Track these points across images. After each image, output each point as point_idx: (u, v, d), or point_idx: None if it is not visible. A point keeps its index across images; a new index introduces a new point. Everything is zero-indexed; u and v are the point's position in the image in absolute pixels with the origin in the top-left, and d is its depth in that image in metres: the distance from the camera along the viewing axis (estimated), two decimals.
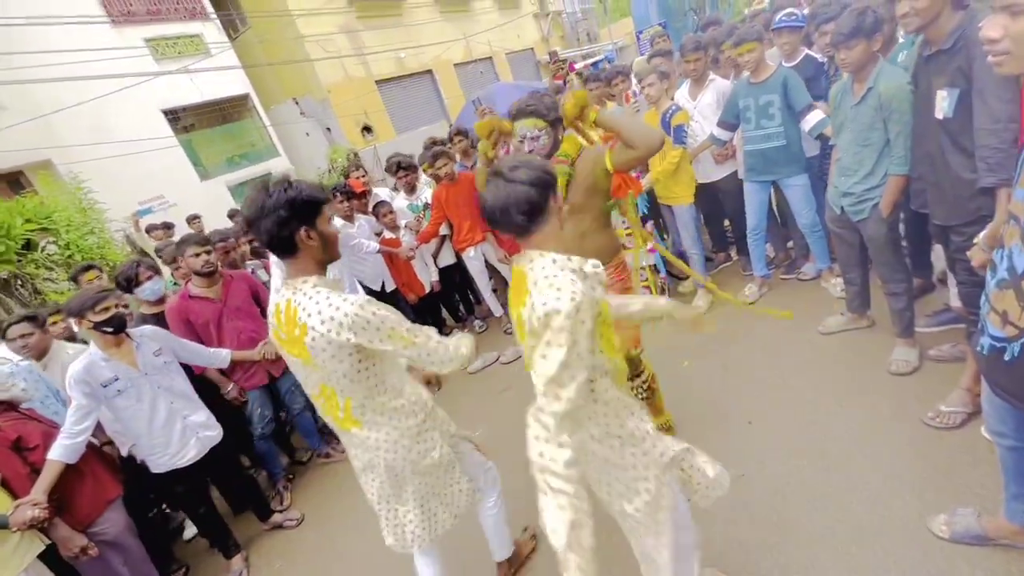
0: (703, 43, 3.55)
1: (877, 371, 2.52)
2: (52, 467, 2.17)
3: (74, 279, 3.84)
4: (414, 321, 1.49)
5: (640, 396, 2.36)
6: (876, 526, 1.84)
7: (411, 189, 4.36)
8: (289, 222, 1.34)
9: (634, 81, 4.31)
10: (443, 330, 4.56)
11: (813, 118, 2.89)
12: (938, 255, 2.83)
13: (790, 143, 3.05)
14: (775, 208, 3.73)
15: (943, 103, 1.84)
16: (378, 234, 4.01)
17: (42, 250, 6.91)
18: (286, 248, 1.38)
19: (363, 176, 4.36)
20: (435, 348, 1.46)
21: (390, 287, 4.03)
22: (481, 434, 3.11)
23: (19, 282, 6.60)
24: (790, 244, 3.84)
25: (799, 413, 2.45)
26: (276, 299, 1.47)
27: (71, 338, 3.19)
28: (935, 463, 1.97)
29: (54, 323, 3.11)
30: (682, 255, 4.09)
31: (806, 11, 3.49)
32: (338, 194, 3.72)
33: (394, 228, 4.02)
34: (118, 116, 9.28)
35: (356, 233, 3.71)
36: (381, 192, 4.45)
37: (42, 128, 8.41)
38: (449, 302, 4.72)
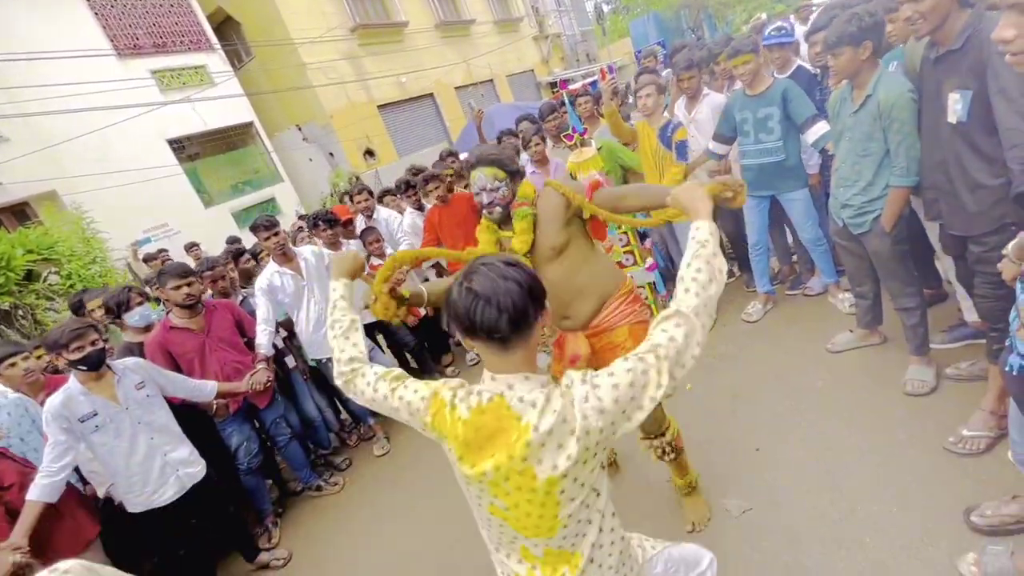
0: (695, 60, 3.52)
1: (892, 391, 2.37)
2: (32, 508, 2.07)
3: (76, 309, 3.77)
4: (414, 346, 1.39)
5: (667, 459, 2.05)
6: (898, 568, 1.67)
7: (420, 207, 4.37)
8: None
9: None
10: (444, 358, 4.44)
11: (818, 129, 2.76)
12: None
13: (789, 157, 2.95)
14: (779, 221, 3.60)
15: (956, 106, 1.73)
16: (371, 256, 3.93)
17: (44, 280, 6.94)
18: None
19: (366, 200, 4.29)
20: None
21: None
22: None
23: (20, 313, 6.60)
24: (795, 258, 3.71)
25: (810, 439, 2.30)
26: None
27: (56, 371, 3.12)
28: (960, 494, 1.81)
29: (38, 357, 3.04)
30: (674, 274, 3.98)
31: (796, 24, 3.43)
32: (320, 223, 3.68)
33: (381, 255, 3.95)
34: (123, 146, 9.41)
35: None
36: (382, 211, 4.37)
37: (47, 159, 8.53)
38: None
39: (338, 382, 1.25)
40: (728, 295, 3.86)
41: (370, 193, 4.40)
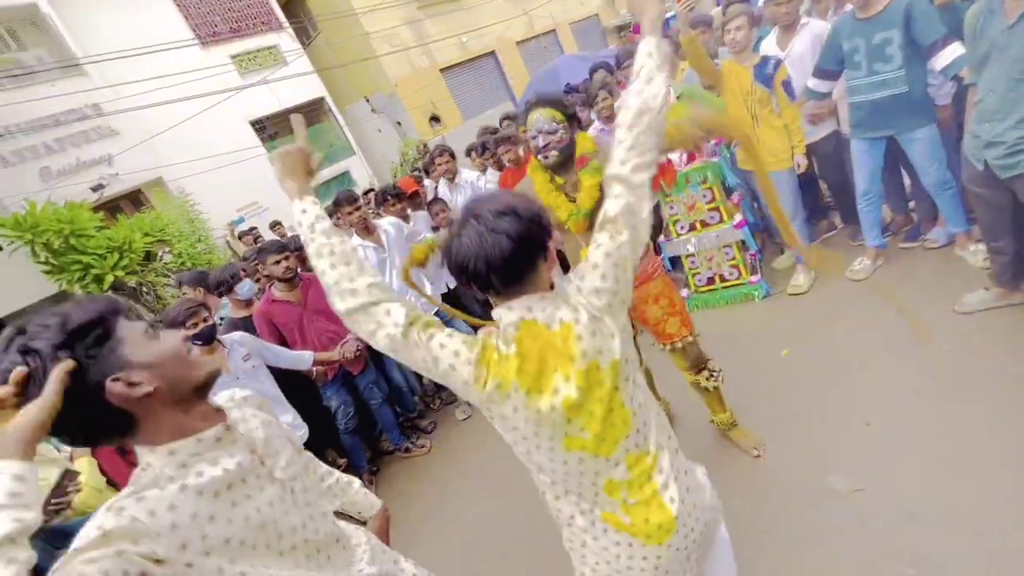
0: None
1: None
2: None
3: (179, 286, 4.22)
4: (482, 313, 1.33)
5: (712, 386, 2.19)
6: None
7: (500, 166, 4.24)
8: (74, 396, 0.76)
9: None
10: None
11: (952, 52, 2.33)
12: None
13: (913, 89, 2.51)
14: (893, 162, 3.16)
15: None
16: (435, 228, 3.94)
17: (160, 259, 7.76)
18: (113, 432, 0.83)
19: (448, 162, 4.15)
20: None
21: (454, 283, 3.96)
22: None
23: (144, 290, 7.47)
24: (912, 205, 3.26)
25: (932, 415, 2.05)
26: None
27: None
28: None
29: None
30: (769, 229, 3.65)
31: None
32: (389, 197, 3.74)
33: (448, 225, 3.93)
34: (213, 131, 10.11)
35: (420, 229, 3.69)
36: (466, 173, 4.29)
37: (152, 149, 9.37)
38: None
39: (343, 307, 1.02)
40: (830, 249, 3.51)
41: (452, 155, 4.24)
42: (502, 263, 0.94)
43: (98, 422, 0.79)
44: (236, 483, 0.87)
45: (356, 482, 1.36)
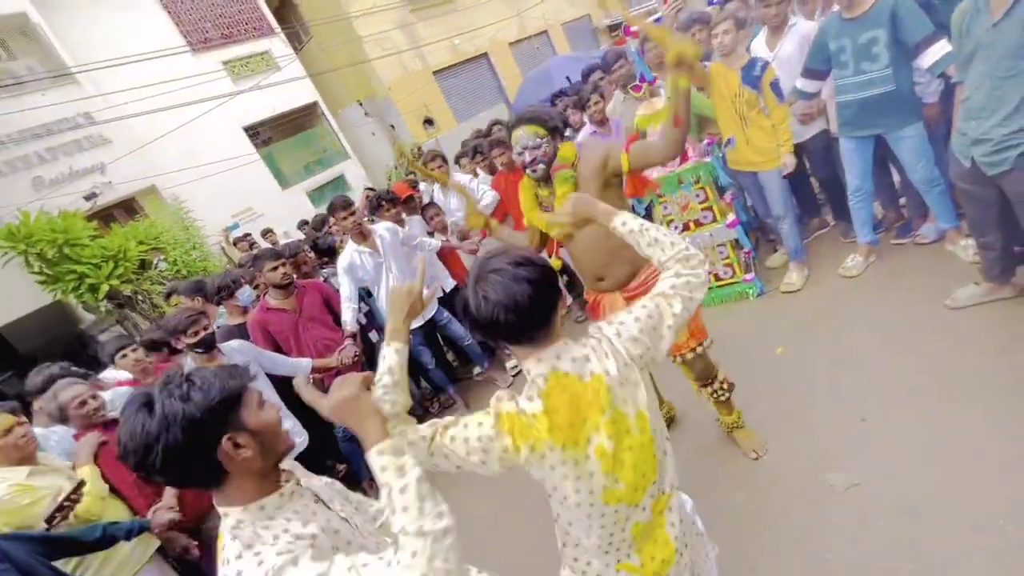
0: None
1: None
2: None
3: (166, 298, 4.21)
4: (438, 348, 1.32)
5: (722, 398, 2.21)
6: None
7: (492, 170, 4.26)
8: (199, 444, 0.87)
9: None
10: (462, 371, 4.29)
11: (939, 50, 2.34)
12: None
13: (900, 87, 2.53)
14: (883, 159, 3.18)
15: None
16: (430, 234, 3.94)
17: (155, 268, 7.73)
18: (209, 480, 0.92)
19: (441, 166, 4.13)
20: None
21: (450, 286, 3.95)
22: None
23: (140, 298, 7.44)
24: (903, 201, 3.29)
25: (927, 410, 2.07)
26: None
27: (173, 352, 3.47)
28: None
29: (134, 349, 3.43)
30: (763, 227, 3.67)
31: None
32: (383, 202, 3.74)
33: (443, 230, 3.94)
34: (206, 138, 10.08)
35: (415, 233, 3.68)
36: (459, 177, 4.27)
37: (144, 157, 9.33)
38: None
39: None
40: (822, 247, 3.54)
41: (444, 159, 4.23)
42: (530, 309, 0.97)
43: (200, 470, 0.90)
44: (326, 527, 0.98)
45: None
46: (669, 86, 1.70)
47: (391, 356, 1.08)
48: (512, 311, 0.96)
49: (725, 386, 2.20)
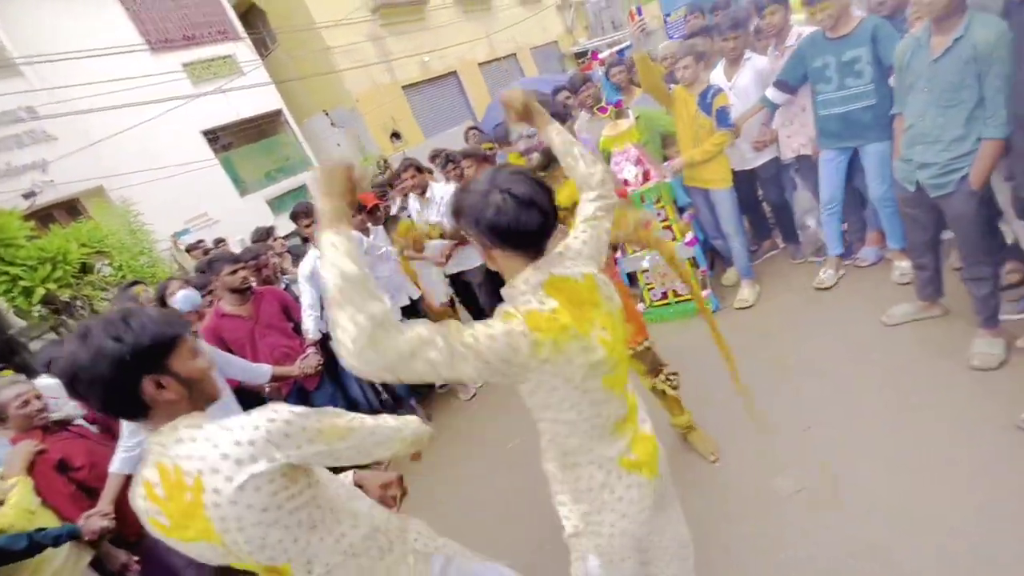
0: (741, 20, 3.31)
1: (956, 366, 2.24)
2: (114, 480, 2.21)
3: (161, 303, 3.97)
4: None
5: (669, 391, 2.32)
6: (973, 549, 1.61)
7: (461, 177, 4.16)
8: (122, 380, 0.93)
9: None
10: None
11: None
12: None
13: (881, 102, 2.67)
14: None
15: None
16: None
17: (98, 272, 7.30)
18: (127, 411, 0.99)
19: (414, 176, 3.84)
20: (374, 428, 1.09)
21: (415, 294, 3.92)
22: (517, 444, 3.01)
23: (79, 303, 6.99)
24: (844, 227, 3.52)
25: (866, 417, 2.21)
26: (142, 473, 0.97)
27: None
28: None
29: None
30: (715, 248, 3.83)
31: None
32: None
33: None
34: (161, 140, 9.70)
35: (379, 243, 3.65)
36: (437, 187, 4.00)
37: (93, 156, 8.88)
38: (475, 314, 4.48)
39: (365, 362, 0.86)
40: (772, 267, 3.73)
41: (418, 168, 3.93)
42: (548, 210, 1.05)
43: (121, 402, 0.97)
44: None
45: None
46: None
47: (342, 243, 0.87)
48: (537, 210, 1.02)
49: (673, 373, 2.33)
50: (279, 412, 0.97)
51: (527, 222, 1.02)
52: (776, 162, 3.42)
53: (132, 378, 0.94)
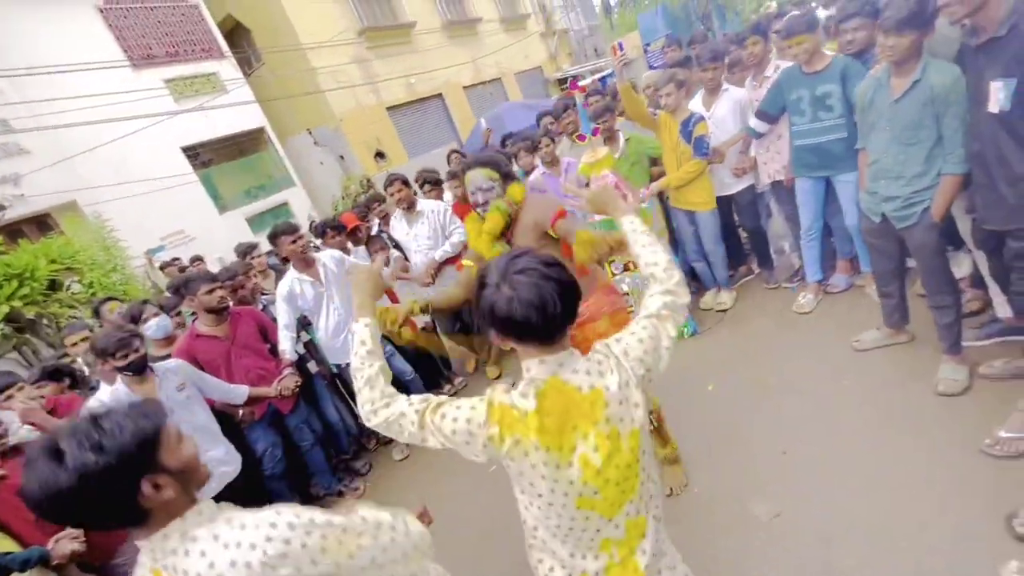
0: (720, 52, 3.45)
1: (923, 391, 2.32)
2: None
3: (96, 312, 3.88)
4: (413, 354, 1.38)
5: (651, 427, 2.28)
6: (938, 574, 1.63)
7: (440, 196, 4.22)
8: (116, 492, 0.84)
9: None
10: (442, 381, 4.16)
11: None
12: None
13: (852, 135, 2.75)
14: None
15: (999, 95, 1.70)
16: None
17: (67, 289, 7.07)
18: (126, 522, 0.89)
19: (401, 191, 3.78)
20: (389, 543, 0.99)
21: None
22: (496, 470, 2.97)
23: (44, 322, 6.75)
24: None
25: (839, 441, 2.26)
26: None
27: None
28: (1000, 498, 1.77)
29: (74, 344, 3.18)
30: (694, 271, 3.90)
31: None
32: (328, 229, 3.69)
33: (385, 263, 3.91)
34: (140, 155, 9.54)
35: (360, 263, 3.63)
36: (426, 203, 3.94)
37: (67, 170, 8.69)
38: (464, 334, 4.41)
39: (372, 425, 1.14)
40: (747, 292, 3.82)
41: (404, 182, 3.82)
42: (556, 312, 0.99)
43: (119, 515, 0.87)
44: None
45: None
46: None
47: (361, 330, 1.21)
48: (540, 311, 0.98)
49: (653, 417, 2.28)
50: (278, 526, 0.87)
51: (534, 322, 0.99)
52: (752, 189, 3.53)
53: (126, 487, 0.85)
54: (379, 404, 1.13)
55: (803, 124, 2.92)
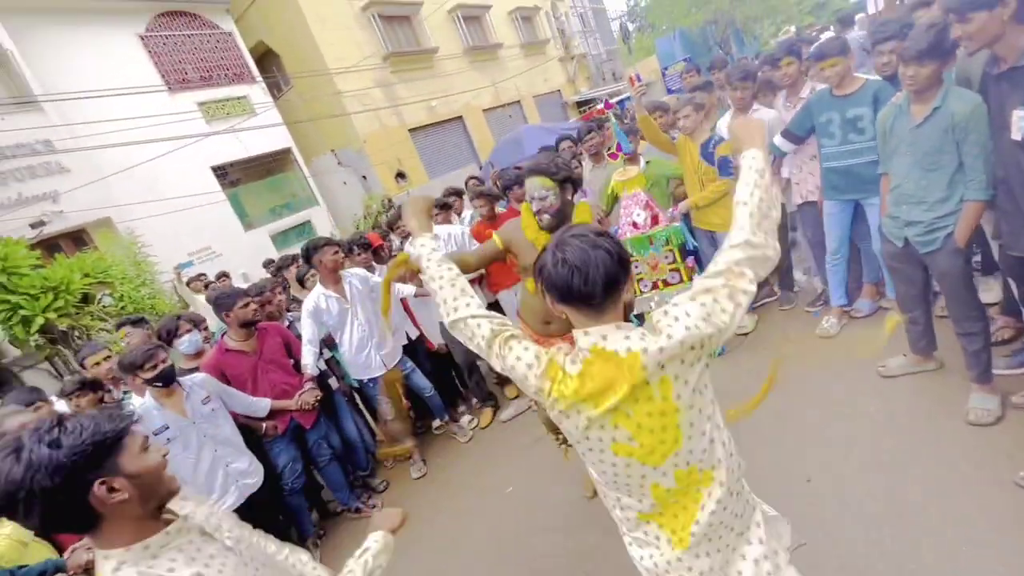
0: (751, 72, 3.42)
1: (953, 420, 2.26)
2: None
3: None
4: (431, 371, 1.43)
5: None
6: None
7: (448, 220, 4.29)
8: (66, 489, 0.85)
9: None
10: (458, 401, 4.20)
11: None
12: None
13: None
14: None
15: (1021, 123, 1.71)
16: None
17: (98, 302, 7.32)
18: (75, 525, 0.90)
19: (437, 214, 3.94)
20: None
21: (414, 334, 3.95)
22: (512, 491, 2.97)
23: (76, 334, 6.97)
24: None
25: (865, 470, 2.21)
26: None
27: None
28: None
29: (96, 364, 3.22)
30: None
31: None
32: (355, 247, 3.78)
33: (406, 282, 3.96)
34: (171, 174, 9.92)
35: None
36: (439, 229, 3.93)
37: (103, 189, 9.06)
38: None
39: (449, 320, 1.25)
40: (767, 314, 3.78)
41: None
42: (604, 275, 1.04)
43: (68, 515, 0.88)
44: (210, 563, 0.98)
45: (305, 555, 1.36)
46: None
47: (429, 242, 1.37)
48: (583, 275, 1.03)
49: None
50: None
51: (575, 284, 1.04)
52: (782, 210, 3.53)
53: (77, 486, 0.86)
54: (460, 302, 1.23)
55: (832, 147, 2.91)
